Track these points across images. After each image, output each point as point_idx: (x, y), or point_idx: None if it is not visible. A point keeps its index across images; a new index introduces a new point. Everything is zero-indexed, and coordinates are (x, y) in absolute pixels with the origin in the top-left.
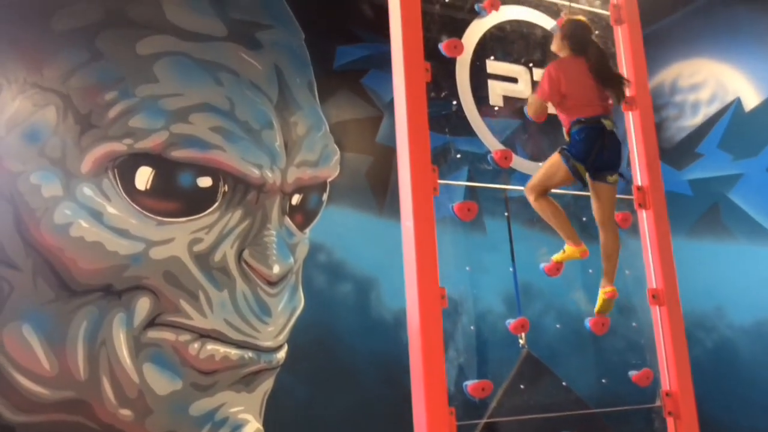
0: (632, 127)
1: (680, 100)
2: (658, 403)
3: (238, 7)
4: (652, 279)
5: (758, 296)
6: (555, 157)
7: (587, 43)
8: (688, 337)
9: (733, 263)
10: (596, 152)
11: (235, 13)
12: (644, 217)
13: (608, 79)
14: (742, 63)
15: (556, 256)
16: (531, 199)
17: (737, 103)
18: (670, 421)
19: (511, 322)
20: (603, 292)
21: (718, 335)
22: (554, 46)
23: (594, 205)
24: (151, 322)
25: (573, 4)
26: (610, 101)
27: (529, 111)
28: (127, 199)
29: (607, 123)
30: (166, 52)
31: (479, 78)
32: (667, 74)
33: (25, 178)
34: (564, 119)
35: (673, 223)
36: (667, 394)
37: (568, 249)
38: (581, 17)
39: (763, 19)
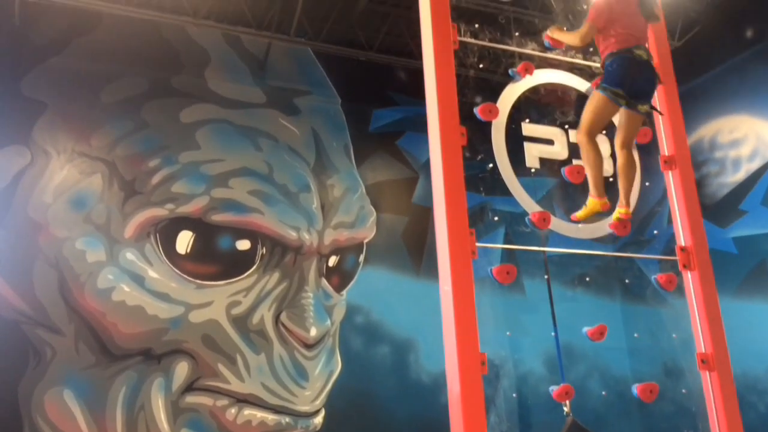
0: (673, 187)
1: (720, 156)
2: None
3: (276, 75)
4: (701, 343)
5: None
6: (594, 94)
7: None
8: (739, 402)
9: None
10: (630, 79)
11: (274, 80)
12: (689, 279)
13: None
14: None
15: (579, 213)
16: (583, 140)
17: None
18: None
19: (554, 389)
20: (619, 211)
21: None
22: None
23: (619, 130)
24: (189, 387)
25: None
26: (646, 37)
27: (574, 38)
28: (168, 263)
29: (640, 53)
30: (208, 120)
31: (515, 140)
32: (706, 130)
33: (70, 244)
34: (602, 51)
35: (719, 282)
36: None
37: (590, 202)
38: None
39: None
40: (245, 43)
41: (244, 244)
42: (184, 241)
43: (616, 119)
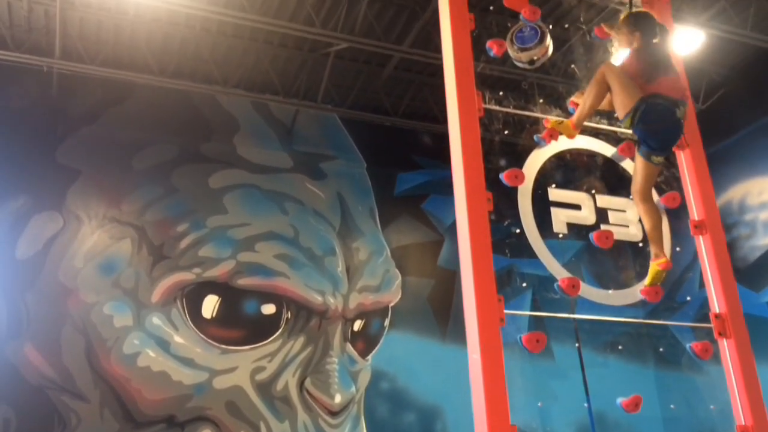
0: (704, 251)
1: (750, 218)
2: None
3: (303, 141)
4: (740, 415)
5: None
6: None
7: (656, 27)
8: None
9: None
10: (653, 132)
11: (301, 146)
12: (725, 347)
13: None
14: None
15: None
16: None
17: None
18: None
19: None
20: (656, 264)
21: None
22: (622, 43)
23: (637, 179)
24: None
25: (632, 134)
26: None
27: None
28: (194, 327)
29: (680, 112)
30: (235, 185)
31: (541, 205)
32: (735, 193)
33: (98, 309)
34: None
35: (755, 349)
36: None
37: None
38: (641, 9)
39: None
40: (273, 110)
41: (269, 309)
42: (210, 305)
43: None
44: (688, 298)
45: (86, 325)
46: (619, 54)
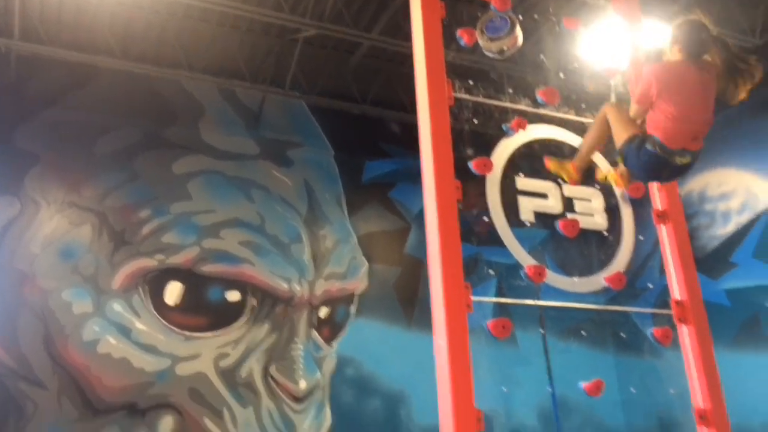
0: (666, 240)
1: (710, 209)
2: None
3: (270, 127)
4: (698, 398)
5: None
6: (627, 133)
7: (706, 46)
8: None
9: None
10: (649, 178)
11: (267, 132)
12: (684, 332)
13: (740, 69)
14: None
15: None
16: (601, 113)
17: None
18: None
19: None
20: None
21: None
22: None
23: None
24: None
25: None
26: (707, 125)
27: (631, 113)
28: (156, 314)
29: (679, 159)
30: (200, 171)
31: (509, 194)
32: (696, 184)
33: (57, 296)
34: (648, 119)
35: (713, 335)
36: None
37: (563, 165)
38: (698, 17)
39: None
40: (240, 96)
41: (233, 296)
42: (173, 292)
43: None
44: (650, 285)
45: (44, 312)
46: (619, 89)
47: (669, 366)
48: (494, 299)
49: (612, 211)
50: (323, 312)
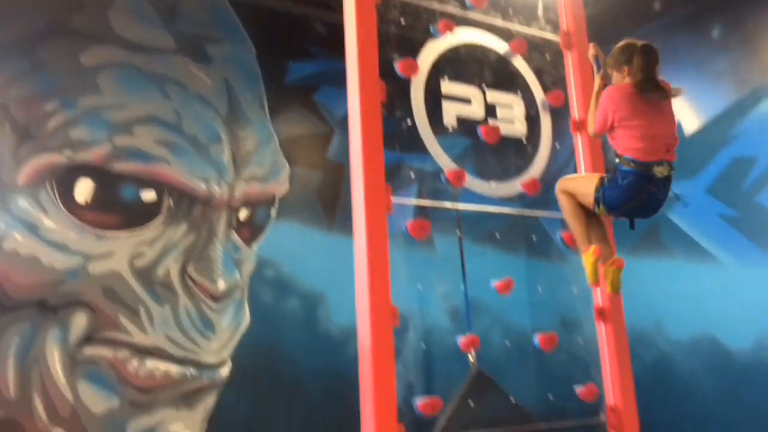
0: (581, 149)
1: None
2: (602, 417)
3: (187, 20)
4: (598, 297)
5: (695, 312)
6: (592, 182)
7: (651, 65)
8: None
9: (671, 280)
10: (633, 205)
11: (184, 26)
12: None
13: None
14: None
15: (589, 279)
16: (558, 191)
17: (678, 127)
18: None
19: (461, 339)
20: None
21: (657, 350)
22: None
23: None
24: (88, 339)
25: (525, 31)
26: (675, 138)
27: (589, 132)
28: (66, 211)
29: (658, 170)
30: (111, 63)
31: (434, 99)
32: None
33: None
34: (616, 145)
35: (618, 240)
36: (611, 410)
37: (584, 258)
38: (634, 40)
39: (702, 47)
40: None
41: (149, 195)
42: (84, 189)
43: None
44: None
45: None
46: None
47: (573, 269)
48: (414, 201)
49: (532, 119)
50: (243, 214)
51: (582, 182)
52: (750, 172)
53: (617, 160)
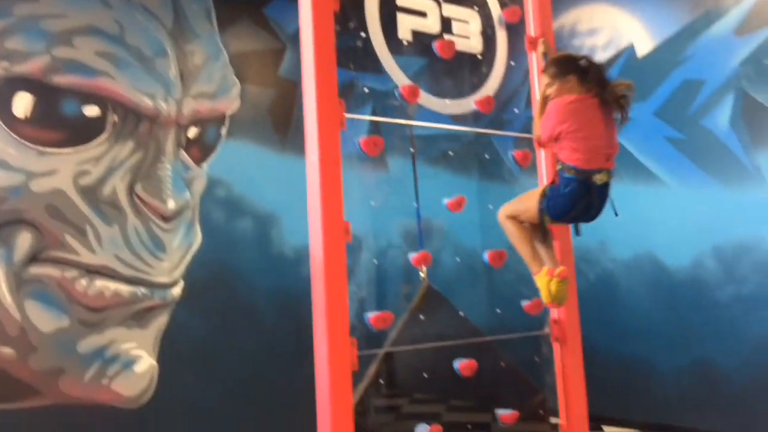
0: (535, 67)
1: (578, 44)
2: (546, 330)
3: None
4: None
5: (638, 232)
6: (534, 196)
7: (591, 75)
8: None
9: (617, 202)
10: (575, 213)
11: None
12: (542, 156)
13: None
14: (637, 9)
15: (543, 299)
16: (500, 218)
17: (630, 49)
18: (556, 346)
19: (413, 256)
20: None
21: (600, 268)
22: (551, 91)
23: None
24: (34, 258)
25: None
26: (615, 147)
27: (535, 136)
28: (4, 126)
29: (598, 177)
30: None
31: (388, 11)
32: (567, 19)
33: None
34: (559, 153)
35: None
36: (554, 322)
37: (537, 280)
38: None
39: None
40: None
41: (92, 110)
42: (23, 103)
43: None
44: (516, 110)
45: None
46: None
47: (524, 189)
48: (367, 117)
49: (488, 35)
50: (192, 132)
51: (523, 200)
52: (698, 95)
53: (559, 166)
